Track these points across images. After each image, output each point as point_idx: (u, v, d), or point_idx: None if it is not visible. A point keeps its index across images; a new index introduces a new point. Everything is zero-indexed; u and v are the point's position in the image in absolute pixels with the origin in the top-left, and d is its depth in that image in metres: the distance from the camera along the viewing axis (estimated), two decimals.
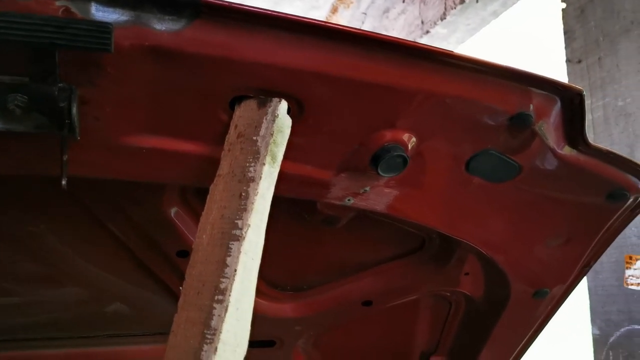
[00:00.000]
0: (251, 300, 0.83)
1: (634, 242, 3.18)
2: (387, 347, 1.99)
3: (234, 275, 0.81)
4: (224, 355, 0.77)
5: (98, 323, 1.52)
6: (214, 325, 0.78)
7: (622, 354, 3.26)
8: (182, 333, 0.81)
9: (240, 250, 0.82)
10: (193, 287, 0.83)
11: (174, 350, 0.80)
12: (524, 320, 1.80)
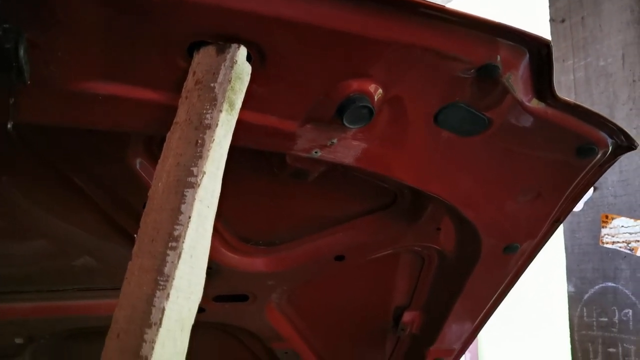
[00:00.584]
0: (206, 249, 0.82)
1: (611, 201, 3.22)
2: (361, 302, 2.01)
3: (188, 223, 0.80)
4: (177, 301, 0.77)
5: (67, 277, 1.52)
6: (167, 272, 0.78)
7: (596, 310, 3.34)
8: (136, 280, 0.80)
9: (194, 197, 0.81)
10: (147, 235, 0.83)
11: (127, 298, 0.80)
12: (495, 274, 1.83)
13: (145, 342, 0.74)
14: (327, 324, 2.05)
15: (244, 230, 1.58)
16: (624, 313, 3.16)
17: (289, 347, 2.00)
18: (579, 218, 3.40)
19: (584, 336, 3.43)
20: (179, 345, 0.77)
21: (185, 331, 0.78)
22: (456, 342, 2.15)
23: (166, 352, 0.75)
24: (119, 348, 0.76)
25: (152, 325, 0.75)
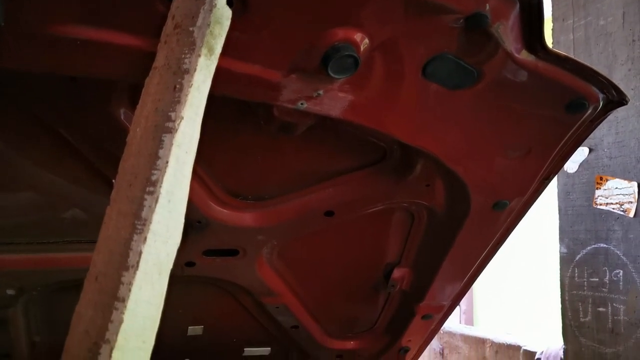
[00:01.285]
0: (184, 194, 0.82)
1: (606, 163, 3.21)
2: (351, 259, 2.03)
3: (166, 167, 0.80)
4: (154, 245, 0.77)
5: (57, 229, 1.53)
6: (144, 216, 0.78)
7: (587, 271, 3.37)
8: (114, 225, 0.80)
9: (172, 142, 0.81)
10: (125, 180, 0.82)
11: (105, 242, 0.80)
12: (484, 231, 1.84)
13: (122, 284, 0.75)
14: (318, 280, 2.07)
15: (233, 184, 1.58)
16: (614, 273, 3.19)
17: (280, 302, 2.02)
18: (574, 180, 3.40)
19: (574, 296, 3.47)
20: (156, 288, 0.78)
21: (164, 275, 0.79)
22: (446, 298, 2.18)
23: (144, 294, 0.76)
24: (97, 290, 0.77)
25: (130, 268, 0.76)
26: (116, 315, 0.73)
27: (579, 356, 3.49)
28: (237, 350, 2.28)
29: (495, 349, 5.47)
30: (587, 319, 3.40)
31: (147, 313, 0.76)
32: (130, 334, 0.74)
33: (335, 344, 2.35)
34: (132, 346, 0.74)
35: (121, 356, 0.73)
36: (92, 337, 0.74)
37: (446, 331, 6.25)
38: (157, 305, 0.78)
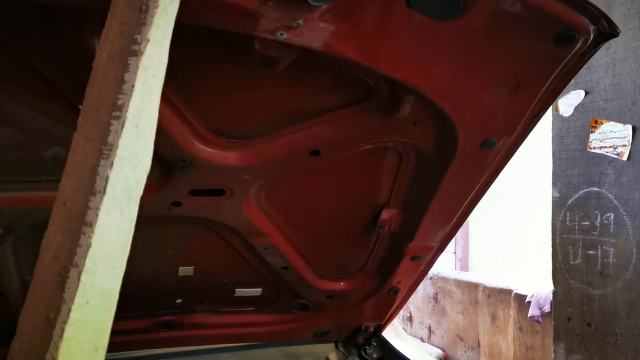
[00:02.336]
0: (153, 120, 0.80)
1: (601, 106, 3.18)
2: (340, 200, 2.03)
3: (132, 92, 0.77)
4: (122, 171, 0.76)
5: (39, 167, 1.51)
6: (111, 141, 0.76)
7: (579, 215, 3.40)
8: (81, 150, 0.79)
9: (138, 65, 0.78)
10: (91, 105, 0.80)
11: (72, 168, 0.79)
12: (472, 171, 1.83)
13: (90, 209, 0.74)
14: (306, 221, 2.07)
15: (217, 122, 1.56)
16: (605, 217, 3.21)
17: (269, 243, 2.03)
18: (568, 124, 3.38)
19: (565, 239, 3.51)
20: (126, 214, 0.77)
21: (133, 201, 0.78)
22: (434, 239, 2.20)
23: (112, 220, 0.75)
24: (65, 215, 0.76)
25: (97, 193, 0.75)
26: (84, 240, 0.73)
27: (567, 298, 3.56)
28: (228, 291, 2.31)
29: (487, 293, 5.57)
30: (576, 262, 3.44)
31: (116, 238, 0.76)
32: (99, 259, 0.74)
33: (325, 285, 2.38)
34: (102, 270, 0.74)
35: (90, 280, 0.73)
36: (61, 261, 0.74)
37: (440, 276, 6.36)
38: (126, 231, 0.77)
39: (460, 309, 5.99)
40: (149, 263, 2.03)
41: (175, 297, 2.25)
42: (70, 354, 0.71)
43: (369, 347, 2.90)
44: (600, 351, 3.32)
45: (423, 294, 6.65)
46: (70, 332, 0.71)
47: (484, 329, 5.63)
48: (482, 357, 5.68)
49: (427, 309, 6.60)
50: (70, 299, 0.71)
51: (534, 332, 4.90)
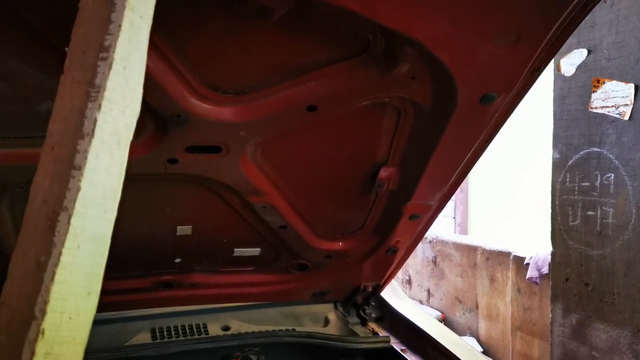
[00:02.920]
0: (142, 63, 0.78)
1: (604, 65, 3.13)
2: (337, 159, 2.01)
3: (119, 32, 0.75)
4: (110, 113, 0.74)
5: (33, 123, 1.49)
6: (98, 83, 0.74)
7: (579, 176, 3.39)
8: (68, 94, 0.77)
9: (124, 5, 0.75)
10: (78, 48, 0.78)
11: (60, 111, 0.77)
12: (471, 127, 1.81)
13: (78, 152, 0.73)
14: (304, 180, 2.06)
15: (212, 77, 1.53)
16: (605, 177, 3.20)
17: (267, 202, 2.02)
18: (570, 84, 3.34)
19: (564, 201, 3.50)
20: (115, 158, 0.75)
21: (123, 145, 0.76)
22: (433, 198, 2.19)
23: (101, 163, 0.74)
24: (53, 159, 0.75)
25: (85, 137, 0.73)
26: (73, 183, 0.72)
27: (565, 258, 3.58)
28: (227, 251, 2.32)
29: (486, 255, 5.62)
30: (576, 223, 3.45)
31: (106, 182, 0.74)
32: (90, 203, 0.73)
33: (324, 245, 2.39)
34: (92, 215, 0.73)
35: (81, 224, 0.72)
36: (50, 205, 0.73)
37: (439, 240, 6.40)
38: (117, 175, 0.76)
39: (459, 271, 6.04)
40: (147, 222, 2.03)
41: (174, 256, 2.26)
42: (62, 297, 0.70)
43: (368, 307, 2.93)
44: (598, 310, 3.35)
45: (422, 257, 6.71)
46: (61, 275, 0.70)
47: (482, 291, 5.70)
48: (480, 318, 5.76)
49: (426, 272, 6.66)
50: (61, 242, 0.70)
51: (532, 293, 4.96)
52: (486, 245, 5.68)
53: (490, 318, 5.61)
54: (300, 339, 2.58)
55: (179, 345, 2.38)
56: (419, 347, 2.59)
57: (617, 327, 3.24)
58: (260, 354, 2.52)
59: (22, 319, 0.69)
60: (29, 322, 0.68)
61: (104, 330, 2.51)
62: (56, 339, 0.70)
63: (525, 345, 5.06)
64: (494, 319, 5.56)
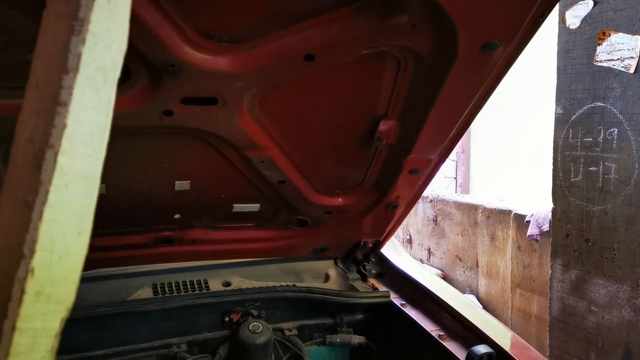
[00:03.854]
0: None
1: (610, 16, 3.06)
2: (336, 111, 1.98)
3: None
4: (95, 48, 0.71)
5: (25, 73, 1.46)
6: (82, 16, 0.71)
7: (582, 131, 3.35)
8: (51, 29, 0.74)
9: None
10: None
11: (43, 47, 0.74)
12: (472, 77, 1.77)
13: (63, 88, 0.70)
14: (303, 134, 2.04)
15: (206, 25, 1.49)
16: (609, 132, 3.16)
17: (265, 156, 2.00)
18: (575, 37, 3.26)
19: (566, 157, 3.48)
20: (102, 95, 0.73)
21: (109, 82, 0.74)
22: (433, 152, 2.17)
23: (87, 100, 0.71)
24: (38, 97, 0.73)
25: (70, 72, 0.70)
26: (59, 120, 0.69)
27: (566, 215, 3.57)
28: (226, 206, 2.31)
29: (487, 214, 5.63)
30: (577, 179, 3.43)
31: (93, 120, 0.72)
32: (76, 140, 0.70)
33: (323, 201, 2.38)
34: (80, 153, 0.71)
35: (68, 162, 0.70)
36: (36, 143, 0.71)
37: (440, 199, 6.40)
38: (104, 113, 0.73)
39: (460, 230, 6.07)
40: (145, 177, 2.01)
41: (173, 212, 2.25)
42: (51, 236, 0.69)
43: (368, 263, 2.95)
44: (597, 266, 3.37)
45: (423, 216, 6.73)
46: (49, 214, 0.68)
47: (482, 249, 5.73)
48: (480, 276, 5.81)
49: (427, 231, 6.69)
50: (48, 180, 0.69)
51: (532, 251, 4.98)
52: (487, 203, 5.69)
53: (490, 276, 5.66)
54: (301, 294, 2.60)
55: (180, 300, 2.40)
56: (418, 302, 2.61)
57: (616, 282, 3.26)
58: (261, 308, 2.55)
59: (12, 257, 0.68)
60: (18, 260, 0.67)
61: (105, 286, 2.53)
62: (47, 278, 0.69)
63: (525, 302, 5.12)
64: (494, 277, 5.61)
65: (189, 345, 2.38)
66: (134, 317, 2.30)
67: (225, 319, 2.48)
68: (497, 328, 2.28)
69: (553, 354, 3.68)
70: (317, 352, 2.62)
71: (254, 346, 2.36)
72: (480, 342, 2.11)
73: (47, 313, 0.69)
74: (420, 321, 2.45)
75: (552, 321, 3.79)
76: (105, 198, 2.01)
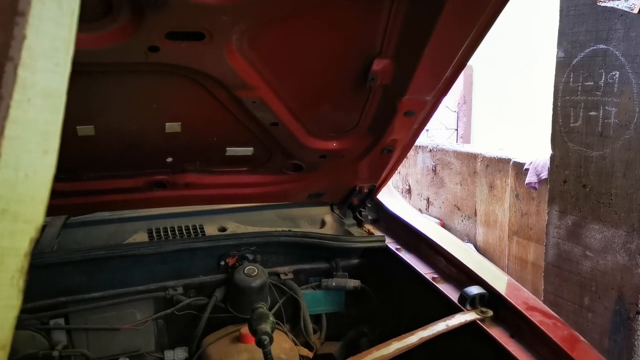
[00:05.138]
0: None
1: None
2: (329, 50, 1.92)
3: None
4: None
5: None
6: None
7: (583, 75, 3.28)
8: None
9: None
10: None
11: None
12: (469, 11, 1.71)
13: None
14: (295, 74, 1.98)
15: None
16: (610, 75, 3.10)
17: (256, 96, 1.96)
18: None
19: (567, 101, 3.42)
20: (64, 6, 0.69)
21: None
22: (428, 93, 2.12)
23: (48, 11, 0.68)
24: None
25: None
26: (18, 31, 0.66)
27: (565, 161, 3.55)
28: (219, 150, 2.29)
29: (486, 163, 5.60)
30: (577, 124, 3.39)
31: (56, 33, 0.68)
32: (37, 53, 0.67)
33: (317, 144, 2.35)
34: (42, 67, 0.68)
35: (30, 76, 0.67)
36: None
37: (439, 149, 6.37)
38: (67, 26, 0.70)
39: (459, 179, 6.06)
40: (134, 118, 1.98)
41: (165, 155, 2.23)
42: (15, 153, 0.67)
43: (364, 209, 2.94)
44: (594, 211, 3.37)
45: (422, 166, 6.71)
46: (12, 130, 0.66)
47: (481, 198, 5.73)
48: (479, 225, 5.84)
49: (426, 181, 6.69)
50: (9, 94, 0.66)
51: (530, 198, 4.99)
52: (486, 152, 5.66)
53: (488, 224, 5.69)
54: (296, 239, 2.61)
55: (175, 244, 2.41)
56: (413, 247, 2.62)
57: (612, 227, 3.26)
58: (257, 253, 2.56)
59: None
60: None
61: (100, 231, 2.54)
62: (12, 196, 0.67)
63: (521, 249, 5.16)
64: (491, 225, 5.64)
65: (185, 288, 2.40)
66: (129, 260, 2.31)
67: (220, 263, 2.50)
68: (491, 271, 2.29)
69: (547, 299, 3.73)
70: (312, 296, 2.65)
71: (250, 289, 2.38)
72: (473, 284, 2.12)
73: (15, 232, 0.68)
74: (415, 265, 2.46)
75: (547, 267, 3.82)
76: (95, 140, 1.99)
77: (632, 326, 3.20)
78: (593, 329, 3.45)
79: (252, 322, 1.82)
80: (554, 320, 1.91)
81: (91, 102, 1.84)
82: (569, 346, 1.72)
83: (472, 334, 1.96)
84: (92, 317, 2.21)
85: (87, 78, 1.73)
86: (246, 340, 2.24)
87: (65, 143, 2.11)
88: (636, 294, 3.16)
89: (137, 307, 2.30)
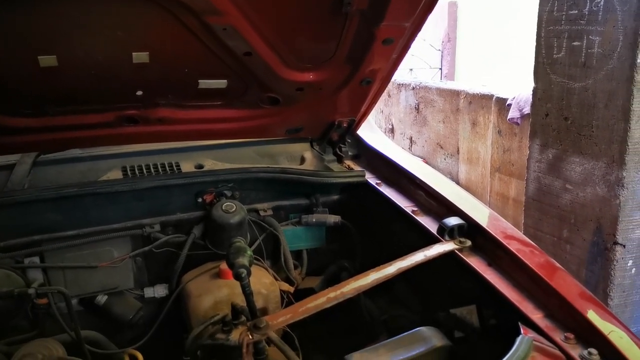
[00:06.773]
0: None
1: None
2: None
3: None
4: None
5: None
6: None
7: (567, 3, 3.16)
8: None
9: None
10: None
11: None
12: None
13: None
14: (268, 0, 1.89)
15: None
16: (595, 3, 3.01)
17: (227, 23, 1.86)
18: None
19: (550, 32, 3.34)
20: None
21: None
22: (407, 18, 2.04)
23: None
24: None
25: None
26: None
27: (547, 93, 3.51)
28: (191, 82, 2.20)
29: (469, 99, 5.55)
30: (560, 55, 3.33)
31: None
32: None
33: (294, 76, 2.27)
34: None
35: None
36: None
37: (422, 86, 6.28)
38: None
39: (442, 117, 6.02)
40: (99, 47, 1.88)
41: (134, 88, 2.14)
42: None
43: (344, 144, 2.89)
44: (575, 144, 3.36)
45: (405, 104, 6.64)
46: None
47: (463, 135, 5.71)
48: (461, 162, 5.85)
49: (409, 120, 6.64)
50: None
51: (512, 134, 4.97)
52: (469, 89, 5.59)
53: (470, 162, 5.69)
54: (275, 175, 2.57)
55: (150, 181, 2.36)
56: (393, 181, 2.60)
57: (592, 159, 3.26)
58: (235, 189, 2.52)
59: None
60: None
61: (73, 168, 2.47)
62: None
63: (503, 186, 5.19)
64: (474, 162, 5.64)
65: (163, 225, 2.37)
66: (103, 197, 2.26)
67: (198, 200, 2.46)
68: (471, 202, 2.28)
69: (527, 232, 3.77)
70: (293, 232, 2.64)
71: (228, 225, 2.36)
72: (452, 215, 2.11)
73: None
74: (395, 198, 2.44)
75: (527, 201, 3.84)
76: (59, 71, 1.90)
77: (609, 256, 3.25)
78: (571, 260, 3.51)
79: (229, 256, 1.80)
80: (531, 249, 1.92)
81: (52, 29, 1.74)
82: (546, 273, 1.73)
83: (450, 264, 1.97)
84: (68, 255, 2.18)
85: (46, 3, 1.63)
86: (226, 276, 2.23)
87: (28, 74, 2.01)
88: (614, 225, 3.19)
89: (113, 245, 2.27)
